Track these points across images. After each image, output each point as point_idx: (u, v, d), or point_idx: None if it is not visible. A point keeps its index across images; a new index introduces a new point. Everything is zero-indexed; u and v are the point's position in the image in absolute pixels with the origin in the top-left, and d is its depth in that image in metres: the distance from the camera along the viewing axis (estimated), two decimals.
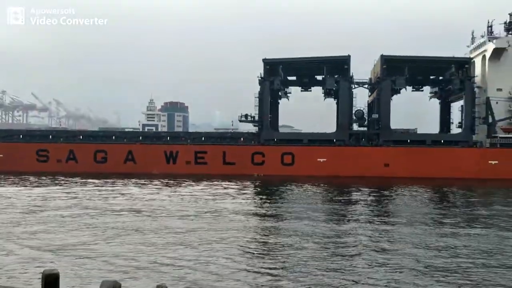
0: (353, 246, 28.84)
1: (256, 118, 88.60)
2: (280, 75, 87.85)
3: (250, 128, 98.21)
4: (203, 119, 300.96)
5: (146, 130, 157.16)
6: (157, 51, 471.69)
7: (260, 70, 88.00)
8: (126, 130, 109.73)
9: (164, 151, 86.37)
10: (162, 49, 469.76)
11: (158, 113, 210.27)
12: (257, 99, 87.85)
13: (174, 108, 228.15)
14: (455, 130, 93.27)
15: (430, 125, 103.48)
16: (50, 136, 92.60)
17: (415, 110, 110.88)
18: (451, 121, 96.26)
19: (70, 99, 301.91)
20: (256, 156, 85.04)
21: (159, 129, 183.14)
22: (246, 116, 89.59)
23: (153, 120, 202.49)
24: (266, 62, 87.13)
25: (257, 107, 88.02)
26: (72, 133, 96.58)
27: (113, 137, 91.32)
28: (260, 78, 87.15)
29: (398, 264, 24.48)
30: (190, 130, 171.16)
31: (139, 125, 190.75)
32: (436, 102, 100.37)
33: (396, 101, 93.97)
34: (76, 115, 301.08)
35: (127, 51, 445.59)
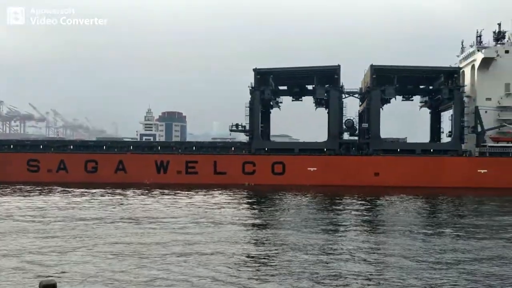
0: (347, 256, 29.05)
1: (247, 127, 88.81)
2: (270, 84, 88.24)
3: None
4: (201, 128, 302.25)
5: (143, 140, 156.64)
6: (157, 52, 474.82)
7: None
8: (124, 139, 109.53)
9: (155, 160, 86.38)
10: (162, 48, 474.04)
11: (156, 123, 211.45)
12: (248, 108, 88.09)
13: (172, 118, 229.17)
14: (445, 139, 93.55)
15: (422, 134, 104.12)
16: (41, 146, 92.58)
17: (406, 119, 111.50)
18: (442, 130, 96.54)
19: (68, 109, 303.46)
20: (247, 165, 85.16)
21: (157, 139, 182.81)
22: (237, 125, 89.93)
23: (151, 130, 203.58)
24: (257, 71, 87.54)
25: (248, 116, 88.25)
26: (63, 142, 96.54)
27: (104, 147, 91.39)
28: (251, 88, 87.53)
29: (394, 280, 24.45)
30: (188, 140, 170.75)
31: (137, 135, 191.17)
32: (427, 112, 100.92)
33: (387, 110, 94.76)
34: (74, 125, 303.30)
35: (126, 52, 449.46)
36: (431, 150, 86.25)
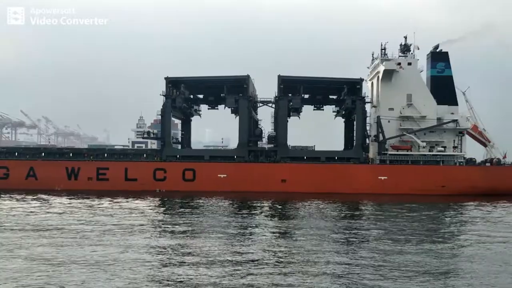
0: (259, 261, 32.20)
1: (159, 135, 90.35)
2: (183, 93, 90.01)
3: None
4: (194, 136, 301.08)
5: (135, 147, 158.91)
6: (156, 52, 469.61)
7: None
8: (116, 147, 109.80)
9: (66, 167, 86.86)
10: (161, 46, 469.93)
11: (148, 130, 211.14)
12: (160, 116, 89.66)
13: None
14: None
15: (337, 143, 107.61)
16: None
17: (323, 128, 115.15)
18: (354, 138, 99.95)
19: (60, 116, 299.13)
20: (158, 172, 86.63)
21: (149, 146, 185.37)
22: (148, 133, 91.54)
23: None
24: (168, 80, 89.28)
25: (160, 124, 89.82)
26: None
27: (16, 153, 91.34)
28: (163, 96, 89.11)
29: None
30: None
31: (129, 142, 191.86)
32: (342, 120, 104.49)
33: (304, 119, 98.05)
34: (65, 132, 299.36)
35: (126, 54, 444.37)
36: (335, 158, 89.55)
